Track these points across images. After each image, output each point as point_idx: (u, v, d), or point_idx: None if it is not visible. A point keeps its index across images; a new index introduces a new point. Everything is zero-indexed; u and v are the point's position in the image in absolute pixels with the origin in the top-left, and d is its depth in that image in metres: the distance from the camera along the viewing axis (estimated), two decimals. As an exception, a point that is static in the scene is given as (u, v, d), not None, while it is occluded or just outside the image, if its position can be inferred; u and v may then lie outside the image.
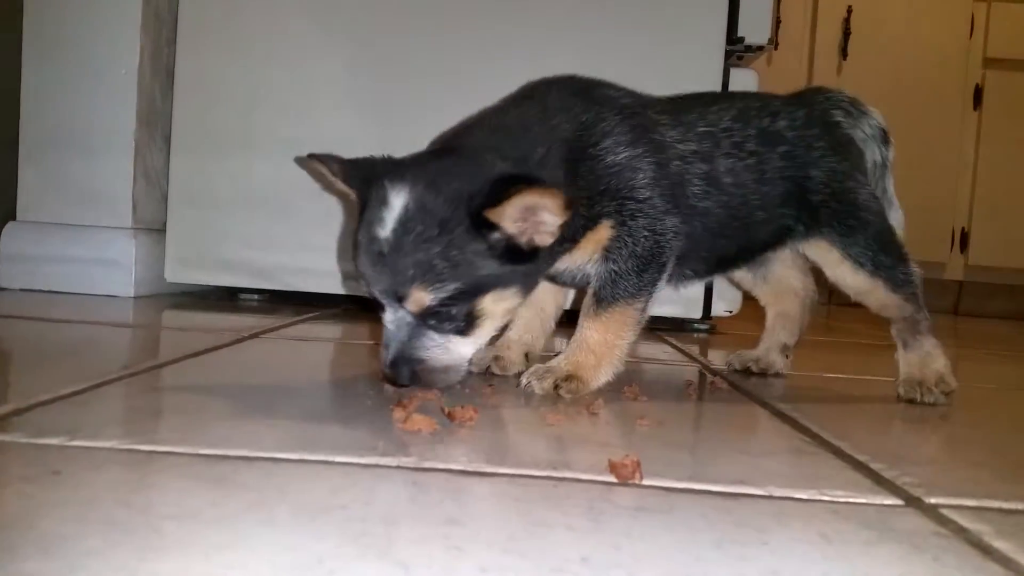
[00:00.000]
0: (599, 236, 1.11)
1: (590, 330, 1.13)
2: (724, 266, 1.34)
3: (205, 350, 1.32)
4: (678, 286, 1.30)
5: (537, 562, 0.54)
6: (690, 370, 1.50)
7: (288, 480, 0.67)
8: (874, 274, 1.27)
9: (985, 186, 4.09)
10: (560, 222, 0.99)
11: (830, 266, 1.30)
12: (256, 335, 1.54)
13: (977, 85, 4.08)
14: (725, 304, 2.10)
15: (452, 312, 0.99)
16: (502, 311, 1.04)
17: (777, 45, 2.11)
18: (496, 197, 0.94)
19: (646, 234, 1.11)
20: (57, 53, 2.00)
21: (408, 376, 1.01)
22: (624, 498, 0.68)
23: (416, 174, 0.99)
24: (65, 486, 0.62)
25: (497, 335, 1.13)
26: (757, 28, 1.98)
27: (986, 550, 0.62)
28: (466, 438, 0.85)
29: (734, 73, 2.00)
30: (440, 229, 0.96)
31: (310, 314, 1.93)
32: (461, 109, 1.21)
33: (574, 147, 1.09)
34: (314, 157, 1.12)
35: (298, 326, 1.73)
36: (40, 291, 1.98)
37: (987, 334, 3.09)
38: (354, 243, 1.03)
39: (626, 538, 0.59)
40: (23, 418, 0.82)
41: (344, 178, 1.09)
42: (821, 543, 0.61)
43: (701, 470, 0.81)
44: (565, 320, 1.36)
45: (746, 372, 1.45)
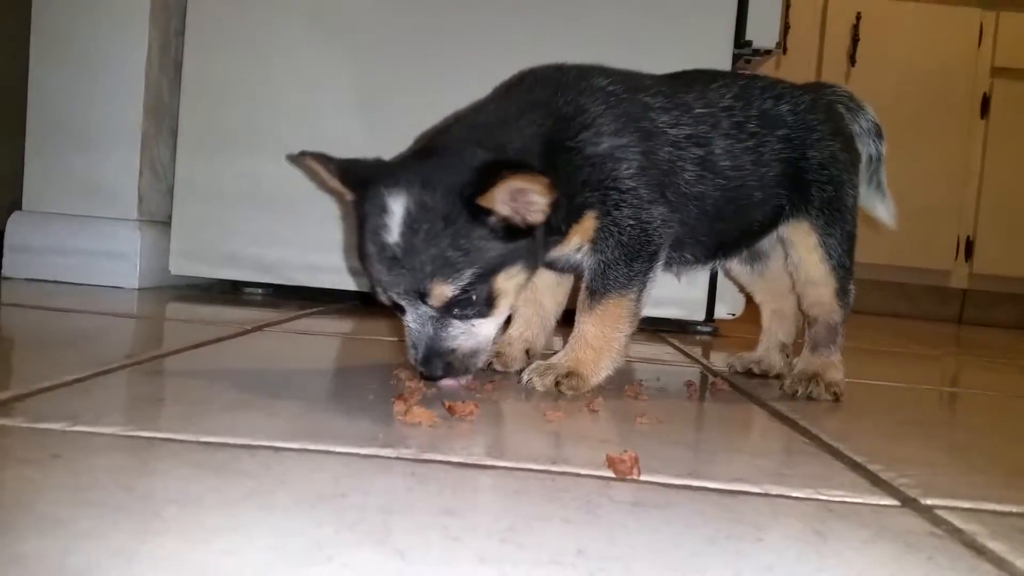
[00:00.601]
0: (584, 227, 1.13)
1: (587, 324, 1.14)
2: (725, 250, 1.34)
3: (208, 341, 1.32)
4: (680, 272, 1.30)
5: (534, 553, 0.54)
6: (691, 371, 1.51)
7: (289, 469, 0.68)
8: (833, 271, 1.29)
9: (991, 194, 4.08)
10: (548, 201, 1.01)
11: (803, 249, 1.30)
12: (260, 328, 1.54)
13: (984, 94, 4.07)
14: (728, 307, 2.10)
15: (472, 297, 1.02)
16: (514, 287, 1.07)
17: (786, 50, 2.12)
18: (483, 184, 0.97)
19: (631, 223, 1.12)
20: (64, 44, 2.01)
21: (443, 368, 1.04)
22: (621, 493, 0.68)
23: (409, 177, 1.01)
24: (65, 470, 0.63)
25: (499, 333, 1.13)
26: (765, 32, 1.98)
27: (980, 550, 0.62)
28: (466, 432, 0.86)
29: (741, 76, 2.00)
30: (445, 223, 0.98)
31: (314, 309, 1.94)
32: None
33: (550, 140, 1.10)
34: (307, 155, 1.12)
35: (302, 320, 1.73)
36: (45, 281, 1.99)
37: (990, 342, 3.08)
38: (362, 254, 1.05)
39: (622, 532, 0.59)
40: (25, 403, 0.82)
41: (341, 179, 1.10)
42: (816, 541, 0.61)
43: (699, 467, 0.81)
44: (565, 320, 1.37)
45: (748, 374, 1.45)
